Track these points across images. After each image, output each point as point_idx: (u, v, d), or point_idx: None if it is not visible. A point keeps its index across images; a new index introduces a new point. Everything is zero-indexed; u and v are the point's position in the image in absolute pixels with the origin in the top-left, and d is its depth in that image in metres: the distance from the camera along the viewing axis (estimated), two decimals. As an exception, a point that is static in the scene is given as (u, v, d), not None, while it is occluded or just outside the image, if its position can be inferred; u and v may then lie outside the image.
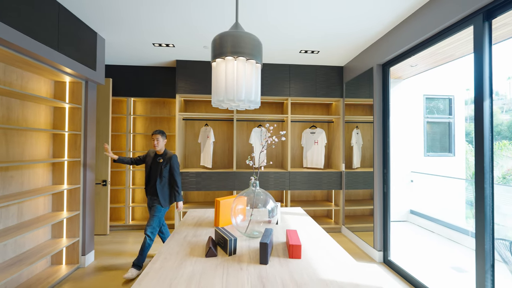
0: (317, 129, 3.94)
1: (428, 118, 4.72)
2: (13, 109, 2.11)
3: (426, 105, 4.70)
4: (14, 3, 1.72)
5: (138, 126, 3.99)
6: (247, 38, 1.48)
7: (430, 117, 4.73)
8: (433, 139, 4.76)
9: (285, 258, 1.23)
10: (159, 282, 1.00)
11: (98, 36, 2.73)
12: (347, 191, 3.59)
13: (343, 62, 3.60)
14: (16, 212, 2.15)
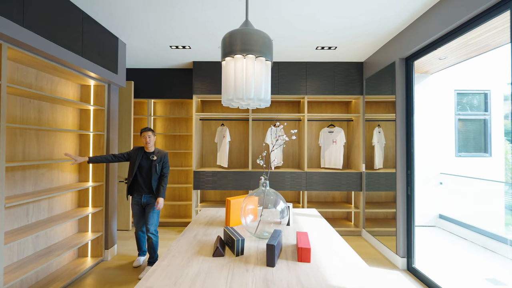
0: (335, 128, 3.81)
1: (460, 115, 4.35)
2: (44, 112, 2.28)
3: (458, 101, 4.33)
4: (42, 13, 1.86)
5: (158, 127, 4.14)
6: (256, 35, 1.46)
7: (462, 114, 4.35)
8: (466, 138, 4.38)
9: (293, 261, 1.19)
10: (165, 279, 1.01)
11: (120, 41, 2.87)
12: (368, 193, 3.42)
13: (363, 57, 3.44)
14: (46, 207, 2.32)
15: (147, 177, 2.52)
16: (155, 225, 2.54)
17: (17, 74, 2.02)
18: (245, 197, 1.53)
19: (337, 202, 4.01)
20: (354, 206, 3.75)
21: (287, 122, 4.06)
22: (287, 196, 4.05)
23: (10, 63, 1.95)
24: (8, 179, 1.94)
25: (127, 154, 2.55)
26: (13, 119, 1.99)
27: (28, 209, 2.13)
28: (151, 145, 2.53)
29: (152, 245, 2.51)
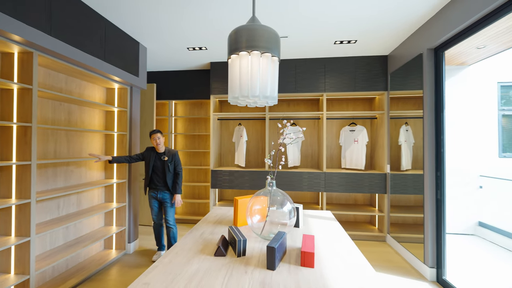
0: (357, 127, 3.60)
1: (505, 111, 3.85)
2: (73, 113, 2.48)
3: (502, 94, 3.84)
4: (67, 22, 2.01)
5: (179, 127, 4.28)
6: (262, 31, 1.42)
7: (507, 109, 3.85)
8: (513, 137, 3.87)
9: (296, 265, 1.13)
10: (164, 276, 1.02)
11: (140, 45, 3.01)
12: (395, 195, 3.18)
13: (387, 50, 3.20)
14: (75, 201, 2.52)
15: (161, 175, 2.67)
16: (173, 217, 2.74)
17: (49, 79, 2.21)
18: (251, 197, 1.50)
19: (359, 204, 3.80)
20: (378, 210, 3.52)
21: (305, 120, 3.94)
22: (305, 198, 3.93)
23: (42, 69, 2.15)
24: (41, 175, 2.14)
25: (141, 155, 2.72)
26: (45, 121, 2.18)
27: (59, 202, 2.33)
28: (161, 146, 2.66)
29: (173, 235, 2.72)
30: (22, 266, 1.81)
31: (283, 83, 3.51)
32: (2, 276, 1.78)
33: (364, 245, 3.23)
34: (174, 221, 2.77)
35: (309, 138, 3.95)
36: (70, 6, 2.04)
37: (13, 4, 1.61)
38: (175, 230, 2.75)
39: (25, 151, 1.82)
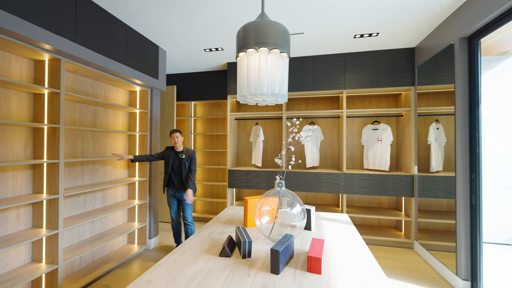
0: (381, 125, 3.38)
1: (559, 105, 3.35)
2: (99, 115, 2.64)
3: (555, 86, 3.35)
4: (91, 29, 2.15)
5: (198, 127, 4.38)
6: (269, 26, 1.38)
7: (562, 104, 3.35)
8: None
9: (303, 271, 1.07)
10: (167, 274, 1.03)
11: (160, 49, 3.13)
12: (425, 199, 2.93)
13: (413, 42, 2.96)
14: (101, 198, 2.68)
15: (178, 174, 2.75)
16: (191, 215, 2.83)
17: (77, 84, 2.38)
18: (260, 197, 1.47)
19: (384, 208, 3.57)
20: (405, 214, 3.27)
21: (324, 119, 3.80)
22: (325, 199, 3.79)
23: (71, 75, 2.32)
24: (69, 173, 2.31)
25: (161, 154, 2.81)
26: (73, 122, 2.35)
27: (86, 198, 2.50)
28: (179, 145, 2.74)
29: (190, 233, 2.82)
30: (52, 256, 1.97)
31: (300, 81, 3.42)
32: (36, 265, 1.94)
33: (389, 251, 3.03)
34: (192, 219, 2.84)
35: (329, 137, 3.80)
36: (93, 14, 2.18)
37: (42, 15, 1.76)
38: (192, 228, 2.83)
39: (54, 150, 1.97)
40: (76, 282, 2.21)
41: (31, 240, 1.78)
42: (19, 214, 1.91)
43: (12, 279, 1.74)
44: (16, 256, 1.90)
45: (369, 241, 3.22)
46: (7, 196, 1.83)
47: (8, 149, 1.84)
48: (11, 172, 1.86)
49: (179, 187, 2.77)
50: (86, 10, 2.10)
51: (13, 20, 1.58)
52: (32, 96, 1.99)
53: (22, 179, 1.93)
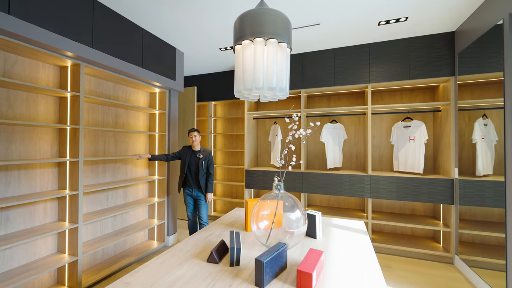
0: (413, 122, 3.00)
1: None
2: (120, 117, 2.79)
3: None
4: (107, 34, 2.26)
5: (218, 127, 4.41)
6: (265, 15, 1.27)
7: None
8: None
9: (292, 286, 0.94)
10: (147, 278, 0.99)
11: (177, 50, 3.20)
12: (468, 208, 2.51)
13: (453, 25, 2.56)
14: (122, 194, 2.83)
15: (195, 173, 2.76)
16: (206, 214, 2.82)
17: (99, 87, 2.54)
18: (257, 201, 1.36)
19: (418, 215, 3.16)
20: (443, 224, 2.85)
21: (349, 117, 3.51)
22: (349, 203, 3.50)
23: (93, 79, 2.48)
24: (92, 171, 2.47)
25: (178, 153, 2.84)
26: (96, 123, 2.51)
27: (108, 195, 2.65)
28: (196, 144, 2.74)
29: None
30: (73, 248, 2.11)
31: (319, 77, 3.21)
32: (60, 255, 2.10)
33: (425, 265, 2.66)
34: (207, 219, 2.84)
35: (354, 136, 3.50)
36: (109, 19, 2.29)
37: (63, 25, 1.89)
38: None
39: (75, 150, 2.11)
40: (97, 273, 2.34)
41: (53, 232, 1.93)
42: (46, 208, 2.09)
43: (39, 267, 1.90)
44: (44, 247, 2.07)
45: (399, 252, 2.88)
46: (35, 191, 2.01)
47: (36, 148, 2.02)
48: (39, 169, 2.04)
49: (195, 186, 2.78)
50: (102, 16, 2.21)
51: (36, 30, 1.72)
52: (57, 99, 2.16)
53: (49, 176, 2.10)
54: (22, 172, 1.93)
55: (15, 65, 1.88)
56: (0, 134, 1.81)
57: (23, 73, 1.93)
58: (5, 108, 1.83)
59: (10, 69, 1.86)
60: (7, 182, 1.84)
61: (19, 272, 1.83)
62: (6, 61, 1.83)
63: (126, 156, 2.59)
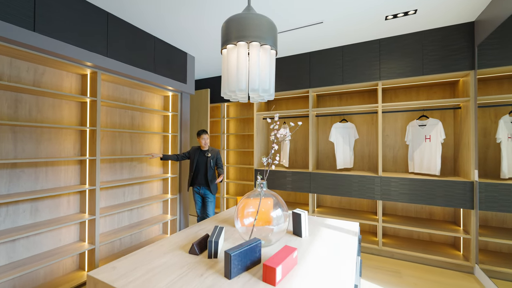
0: (429, 120, 2.82)
1: None
2: (136, 119, 3.03)
3: None
4: (121, 43, 2.47)
5: (231, 127, 4.53)
6: (248, 19, 1.32)
7: None
8: None
9: (259, 279, 0.99)
10: (131, 264, 1.10)
11: (188, 55, 3.37)
12: (492, 214, 2.30)
13: (472, 14, 2.36)
14: (138, 191, 3.06)
15: (203, 171, 2.89)
16: (213, 211, 2.95)
17: (116, 92, 2.78)
18: (241, 198, 1.42)
19: (436, 220, 2.95)
20: (463, 230, 2.63)
21: (360, 116, 3.39)
22: (361, 205, 3.38)
23: (111, 85, 2.72)
24: (110, 168, 2.71)
25: (188, 153, 3.00)
26: (113, 125, 2.75)
27: (124, 191, 2.89)
28: (206, 144, 2.88)
29: None
30: (92, 238, 2.35)
31: (326, 75, 3.15)
32: (81, 243, 2.36)
33: (442, 274, 2.48)
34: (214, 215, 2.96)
35: (366, 136, 3.38)
36: (122, 29, 2.50)
37: (81, 37, 2.12)
38: None
39: (93, 149, 2.35)
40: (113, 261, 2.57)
41: (75, 222, 2.17)
42: (69, 201, 2.36)
43: (63, 252, 2.16)
44: (67, 235, 2.34)
45: (414, 258, 2.72)
46: (60, 185, 2.28)
47: (61, 148, 2.29)
48: (63, 166, 2.30)
49: (204, 184, 2.92)
50: (116, 27, 2.43)
51: (58, 44, 1.96)
52: (79, 104, 2.42)
53: (71, 172, 2.37)
54: (49, 169, 2.21)
55: (43, 75, 2.15)
56: (31, 135, 2.09)
57: (50, 82, 2.20)
58: (35, 112, 2.11)
59: (39, 79, 2.13)
60: (36, 177, 2.12)
61: (47, 255, 2.09)
62: (36, 72, 2.11)
63: (141, 155, 2.80)
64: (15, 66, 1.99)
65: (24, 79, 2.04)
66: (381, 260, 2.77)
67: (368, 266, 2.63)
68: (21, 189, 2.03)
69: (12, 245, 1.98)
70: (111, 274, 1.01)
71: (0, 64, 1.91)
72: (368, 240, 3.00)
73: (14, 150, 1.99)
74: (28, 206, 2.07)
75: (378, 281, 2.34)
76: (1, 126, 1.92)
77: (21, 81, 2.02)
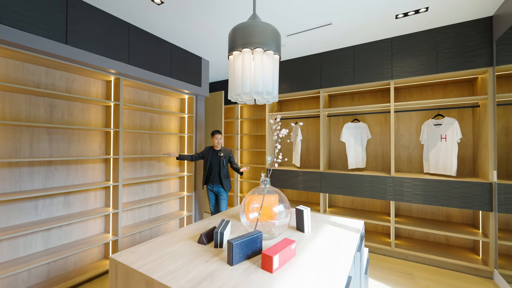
0: (445, 119, 2.73)
1: None
2: (154, 120, 3.24)
3: None
4: (141, 51, 2.68)
5: (245, 128, 4.65)
6: (251, 27, 1.42)
7: None
8: None
9: (258, 267, 1.08)
10: (147, 250, 1.24)
11: (203, 59, 3.53)
12: (509, 216, 2.20)
13: (489, 8, 2.27)
14: (156, 188, 3.27)
15: (216, 170, 3.03)
16: (226, 208, 3.09)
17: (137, 96, 3.00)
18: (246, 194, 1.51)
19: (454, 223, 2.85)
20: (482, 233, 2.53)
21: (373, 115, 3.36)
22: (375, 206, 3.34)
23: (132, 89, 2.95)
24: (132, 166, 2.94)
25: (201, 153, 3.16)
26: (134, 127, 2.98)
27: (144, 188, 3.10)
28: (219, 144, 3.01)
29: None
30: (115, 230, 2.57)
31: (337, 76, 3.16)
32: (106, 234, 2.58)
33: (455, 277, 2.42)
34: None
35: (379, 136, 3.34)
36: (142, 38, 2.71)
37: (106, 48, 2.34)
38: None
39: (116, 149, 2.57)
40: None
41: (101, 215, 2.40)
42: (96, 196, 2.59)
43: (90, 242, 2.39)
44: (94, 226, 2.58)
45: (430, 261, 2.66)
46: (88, 181, 2.52)
47: (88, 147, 2.53)
48: (90, 164, 2.55)
49: (217, 182, 3.05)
50: (136, 36, 2.64)
51: (86, 55, 2.18)
52: (104, 108, 2.66)
53: (98, 170, 2.61)
54: (79, 166, 2.45)
55: (73, 83, 2.40)
56: (64, 136, 2.34)
57: (79, 88, 2.45)
58: (67, 116, 2.36)
59: (70, 86, 2.38)
60: (68, 174, 2.37)
61: (77, 244, 2.33)
62: (67, 80, 2.36)
63: (159, 155, 3.00)
64: (50, 75, 2.25)
65: (57, 86, 2.29)
66: (393, 261, 2.74)
67: (380, 267, 2.61)
68: (55, 184, 2.29)
69: (47, 233, 2.23)
70: (129, 257, 1.15)
71: (38, 74, 2.17)
72: (380, 241, 2.97)
73: (49, 149, 2.25)
74: (61, 199, 2.33)
75: (388, 281, 2.32)
76: (39, 128, 2.18)
77: (55, 88, 2.28)
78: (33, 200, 2.15)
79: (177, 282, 0.94)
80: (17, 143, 2.06)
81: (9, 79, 2.01)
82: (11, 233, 1.85)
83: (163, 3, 2.18)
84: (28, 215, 2.12)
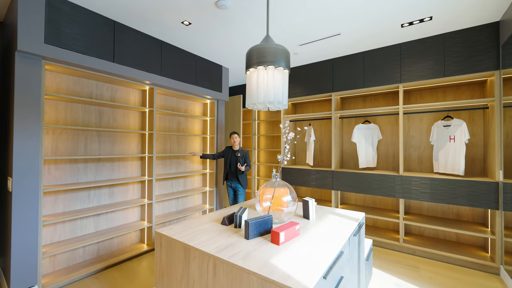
0: (453, 121, 2.83)
1: None
2: (181, 123, 3.65)
3: None
4: (171, 64, 3.08)
5: (262, 129, 4.95)
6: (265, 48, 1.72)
7: None
8: None
9: (268, 241, 1.37)
10: (183, 227, 1.58)
11: (223, 67, 3.89)
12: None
13: (496, 14, 2.36)
14: (183, 183, 3.68)
15: (234, 168, 3.34)
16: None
17: (166, 102, 3.43)
18: (261, 186, 1.81)
19: (464, 221, 2.93)
20: (491, 231, 2.61)
21: (384, 117, 3.50)
22: (385, 204, 3.48)
23: (162, 96, 3.37)
24: (162, 164, 3.36)
25: (222, 153, 3.50)
26: (164, 129, 3.40)
27: (172, 182, 3.52)
28: (236, 144, 3.33)
29: None
30: (149, 218, 3.00)
31: (349, 80, 3.35)
32: (141, 222, 3.02)
33: (468, 274, 2.51)
34: None
35: (390, 136, 3.47)
36: (172, 53, 3.11)
37: (143, 62, 2.76)
38: None
39: (150, 148, 2.99)
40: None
41: (138, 204, 2.83)
42: (134, 188, 3.04)
43: (130, 227, 2.83)
44: (132, 214, 3.03)
45: (438, 257, 2.78)
46: (127, 176, 2.97)
47: (127, 147, 2.98)
48: (129, 162, 2.99)
49: (234, 179, 3.38)
50: (167, 51, 3.04)
51: (128, 70, 2.61)
52: (140, 113, 3.10)
53: (135, 166, 3.05)
54: (121, 163, 2.90)
55: (116, 92, 2.86)
56: (109, 138, 2.80)
57: (121, 97, 2.90)
58: (111, 121, 2.81)
59: (114, 95, 2.84)
60: (112, 169, 2.82)
61: (119, 228, 2.78)
62: (112, 90, 2.82)
63: (185, 153, 3.40)
64: (99, 87, 2.71)
65: (104, 96, 2.75)
66: (401, 255, 2.89)
67: (386, 259, 2.78)
68: (103, 178, 2.75)
69: (97, 218, 2.70)
70: (170, 232, 1.50)
71: (90, 87, 2.64)
72: (390, 237, 3.12)
73: (98, 149, 2.71)
74: (107, 190, 2.79)
75: (393, 272, 2.50)
76: (91, 131, 2.65)
77: (103, 98, 2.74)
78: (87, 190, 2.62)
79: (207, 247, 1.27)
80: (75, 144, 2.53)
81: (69, 92, 2.48)
82: (72, 215, 2.32)
83: (190, 24, 2.55)
84: (83, 202, 2.59)
